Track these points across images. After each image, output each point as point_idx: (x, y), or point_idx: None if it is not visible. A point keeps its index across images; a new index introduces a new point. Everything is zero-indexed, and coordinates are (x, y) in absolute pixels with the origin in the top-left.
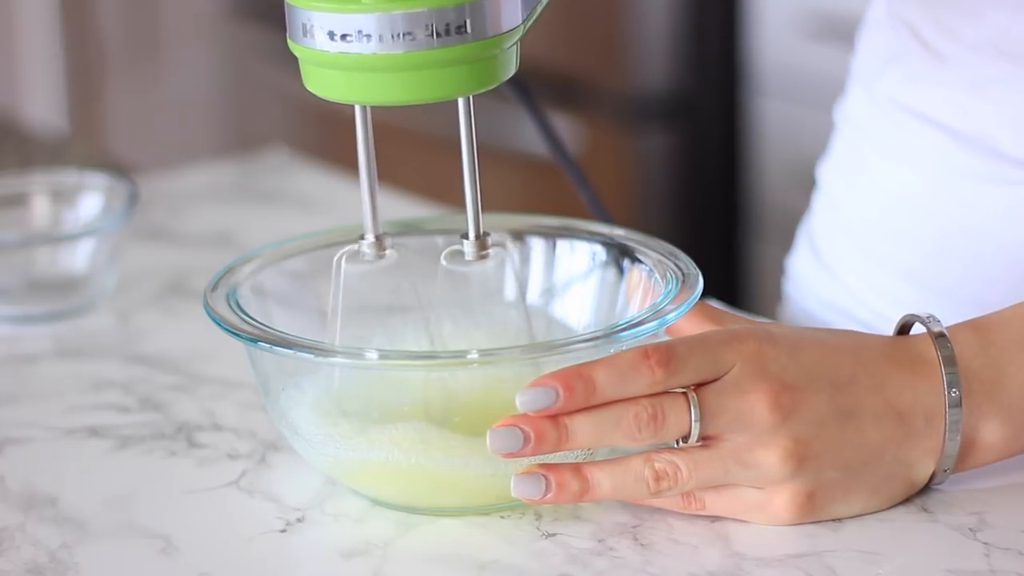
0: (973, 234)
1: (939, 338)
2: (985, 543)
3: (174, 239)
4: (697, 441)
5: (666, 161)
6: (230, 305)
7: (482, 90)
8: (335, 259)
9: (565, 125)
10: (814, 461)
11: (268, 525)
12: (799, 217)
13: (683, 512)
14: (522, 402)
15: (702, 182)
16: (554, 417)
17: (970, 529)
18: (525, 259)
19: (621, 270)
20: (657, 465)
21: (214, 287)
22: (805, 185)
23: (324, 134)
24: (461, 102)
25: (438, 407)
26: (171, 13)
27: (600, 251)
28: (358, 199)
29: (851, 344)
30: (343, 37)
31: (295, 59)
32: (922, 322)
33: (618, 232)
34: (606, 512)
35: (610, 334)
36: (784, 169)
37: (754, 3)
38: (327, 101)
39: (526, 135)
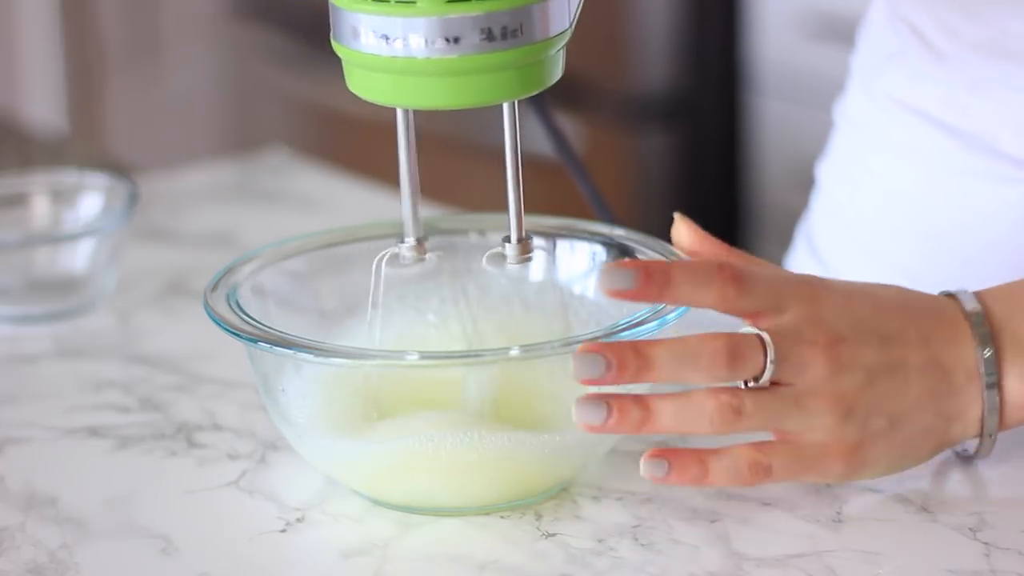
0: (972, 233)
1: (965, 295)
2: (985, 543)
3: (174, 239)
4: (766, 383)
5: (666, 161)
6: (230, 305)
7: (528, 94)
8: (375, 261)
9: (565, 125)
10: (863, 410)
11: (268, 525)
12: (799, 217)
13: (750, 485)
14: (603, 282)
15: (702, 182)
16: (635, 347)
17: (970, 529)
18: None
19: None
20: (722, 398)
21: (214, 287)
22: (805, 185)
23: (324, 134)
24: (506, 107)
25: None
26: (171, 13)
27: (600, 251)
28: (358, 199)
29: (899, 298)
30: (392, 40)
31: (295, 59)
32: (952, 294)
33: (618, 232)
34: (606, 512)
35: (610, 333)
36: (784, 169)
37: (754, 3)
38: (327, 101)
39: (528, 135)
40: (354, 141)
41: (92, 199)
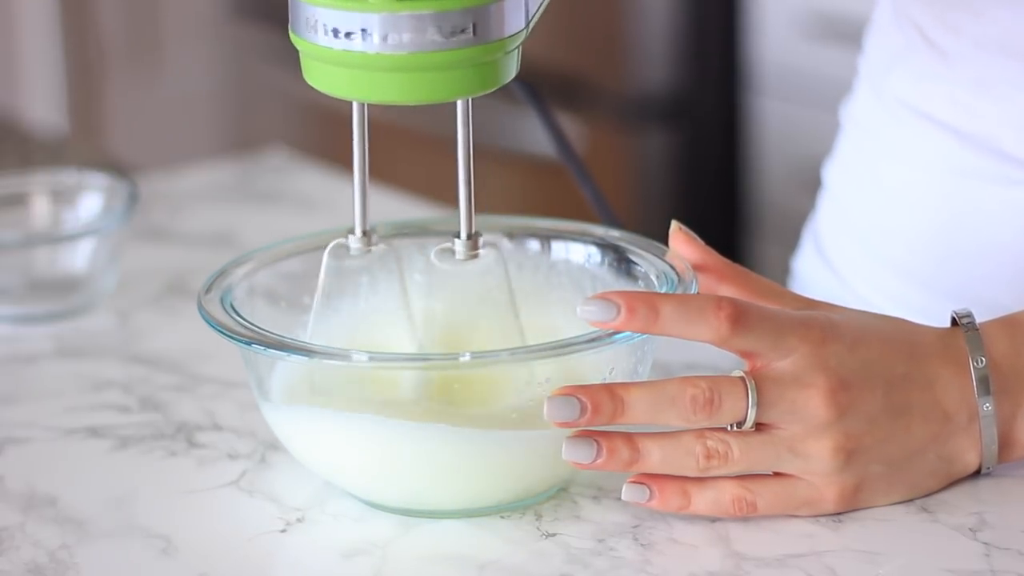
0: (977, 234)
1: (969, 333)
2: (985, 543)
3: (174, 239)
4: (751, 427)
5: (666, 161)
6: (224, 307)
7: (483, 92)
8: (325, 253)
9: (565, 125)
10: (863, 455)
11: (268, 525)
12: (799, 217)
13: (733, 517)
14: (583, 312)
15: (702, 182)
16: (611, 390)
17: (970, 529)
18: (520, 261)
19: (616, 272)
20: (709, 443)
21: (208, 289)
22: (805, 185)
23: (324, 134)
24: (460, 104)
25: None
26: (171, 13)
27: (595, 252)
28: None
29: (907, 340)
30: (347, 35)
31: (295, 59)
32: (956, 320)
33: (613, 234)
34: (606, 512)
35: (603, 336)
36: (784, 169)
37: (754, 3)
38: (327, 101)
39: (528, 136)
40: (349, 137)
41: (92, 199)
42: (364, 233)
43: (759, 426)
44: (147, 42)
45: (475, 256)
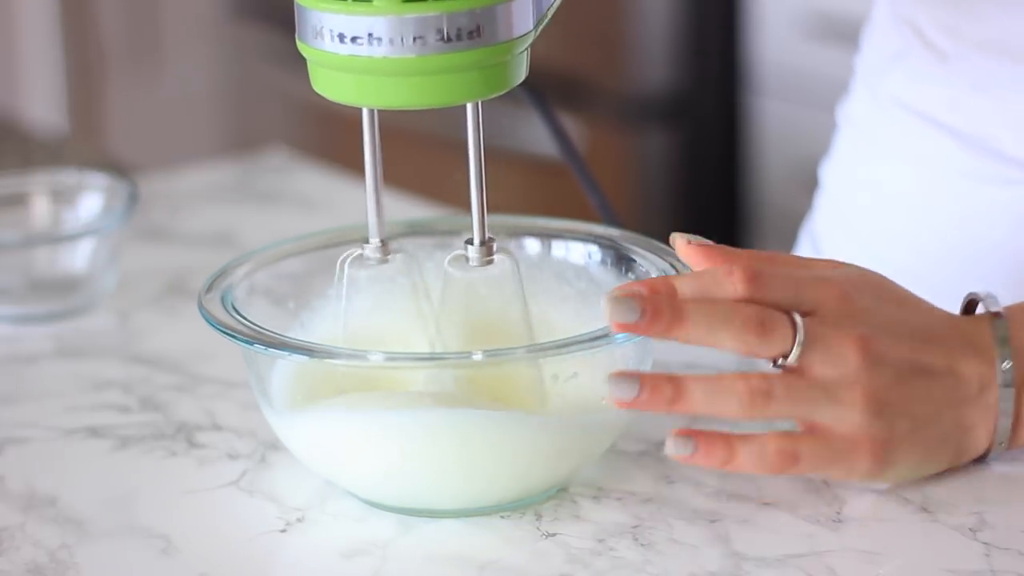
0: (973, 234)
1: (995, 319)
2: (985, 543)
3: (174, 239)
4: (795, 363)
5: (666, 161)
6: (225, 307)
7: (492, 95)
8: (339, 262)
9: (565, 125)
10: (891, 408)
11: (268, 525)
12: (799, 217)
13: (776, 473)
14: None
15: (702, 182)
16: (672, 296)
17: (970, 529)
18: (519, 261)
19: (617, 271)
20: (752, 381)
21: (208, 288)
22: (805, 185)
23: (324, 134)
24: (470, 107)
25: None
26: (171, 13)
27: (595, 252)
28: (358, 199)
29: (924, 307)
30: (353, 40)
31: (296, 59)
32: (980, 300)
33: (613, 233)
34: (606, 512)
35: (604, 336)
36: (784, 169)
37: (754, 3)
38: (327, 101)
39: (528, 136)
40: (354, 141)
41: (92, 199)
42: (381, 242)
43: (797, 370)
44: (147, 42)
45: (489, 262)
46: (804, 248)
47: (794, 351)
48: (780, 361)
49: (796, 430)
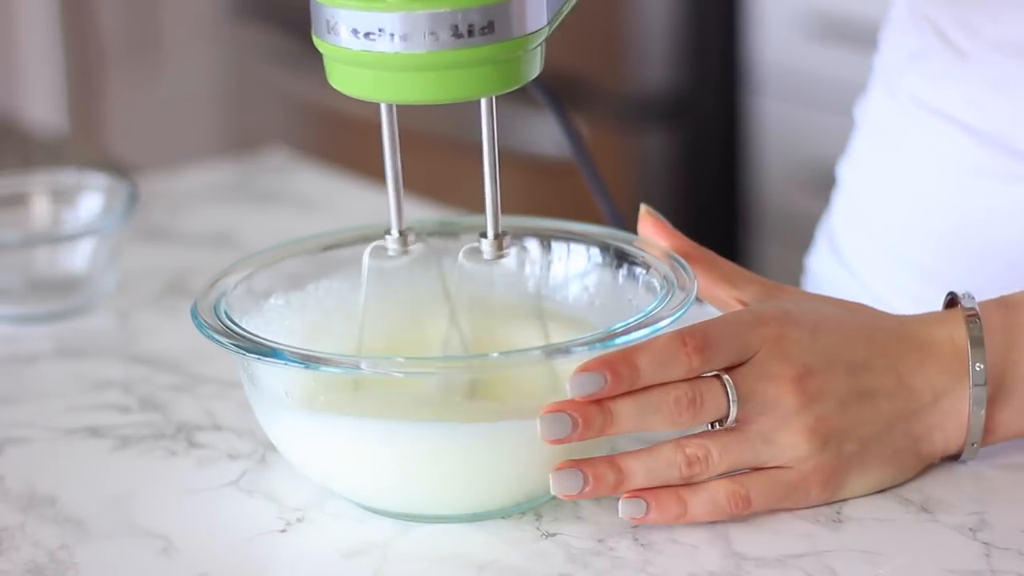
0: (992, 233)
1: (970, 320)
2: (985, 543)
3: (174, 239)
4: (733, 423)
5: (666, 161)
6: (218, 314)
7: (506, 91)
8: (365, 254)
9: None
10: (837, 436)
11: (268, 525)
12: (799, 217)
13: (731, 518)
14: (573, 386)
15: (702, 182)
16: (599, 402)
17: (970, 529)
18: (520, 261)
19: (617, 272)
20: (688, 450)
21: (204, 295)
22: (805, 185)
23: (324, 134)
24: (484, 102)
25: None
26: (171, 13)
27: (596, 253)
28: (358, 199)
29: (866, 326)
30: (367, 35)
31: (296, 59)
32: (958, 300)
33: (614, 234)
34: (606, 512)
35: (605, 338)
36: (784, 169)
37: (754, 3)
38: (327, 101)
39: (532, 136)
40: (354, 141)
41: (92, 199)
42: (401, 233)
43: (736, 423)
44: (147, 42)
45: (502, 256)
46: (822, 247)
47: (731, 411)
48: (718, 425)
49: (744, 472)
